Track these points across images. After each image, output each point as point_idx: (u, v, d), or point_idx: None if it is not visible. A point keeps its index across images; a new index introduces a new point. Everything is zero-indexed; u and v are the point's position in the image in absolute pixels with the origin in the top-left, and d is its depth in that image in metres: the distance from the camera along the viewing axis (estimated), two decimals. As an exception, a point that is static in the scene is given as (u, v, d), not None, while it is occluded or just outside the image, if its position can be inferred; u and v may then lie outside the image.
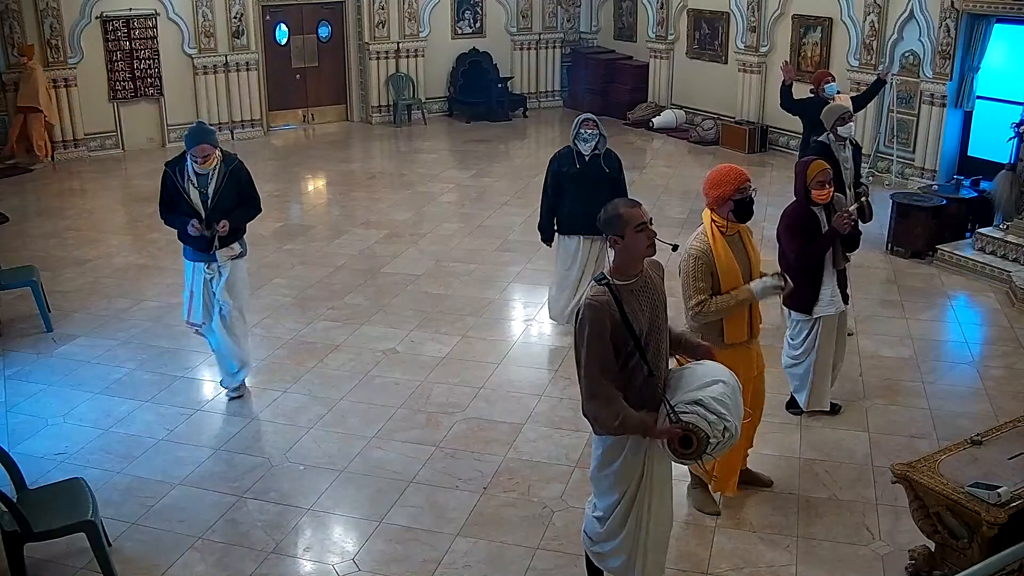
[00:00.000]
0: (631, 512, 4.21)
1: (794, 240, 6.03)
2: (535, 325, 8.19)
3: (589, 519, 4.43)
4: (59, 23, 13.46)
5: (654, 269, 4.20)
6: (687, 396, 4.02)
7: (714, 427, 3.94)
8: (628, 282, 4.03)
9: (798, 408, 6.52)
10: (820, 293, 6.11)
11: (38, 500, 4.95)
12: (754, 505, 5.55)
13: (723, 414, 3.96)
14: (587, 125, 7.38)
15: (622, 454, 4.13)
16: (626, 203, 4.11)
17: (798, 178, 6.06)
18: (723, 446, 4.02)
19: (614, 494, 4.22)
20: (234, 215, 6.47)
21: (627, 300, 3.98)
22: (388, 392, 6.93)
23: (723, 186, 5.03)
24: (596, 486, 4.34)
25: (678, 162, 13.96)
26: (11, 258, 9.27)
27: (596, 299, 3.95)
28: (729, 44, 14.92)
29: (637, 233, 3.98)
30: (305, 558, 5.15)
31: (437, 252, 9.96)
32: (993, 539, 4.32)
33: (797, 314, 6.27)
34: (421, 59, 16.44)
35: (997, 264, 9.06)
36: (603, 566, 4.49)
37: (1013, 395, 6.86)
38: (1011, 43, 11.19)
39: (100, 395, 6.92)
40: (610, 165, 7.46)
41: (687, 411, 3.97)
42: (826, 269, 6.10)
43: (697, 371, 4.19)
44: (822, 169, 5.95)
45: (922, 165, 11.92)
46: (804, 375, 6.39)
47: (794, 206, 6.13)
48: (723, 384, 4.06)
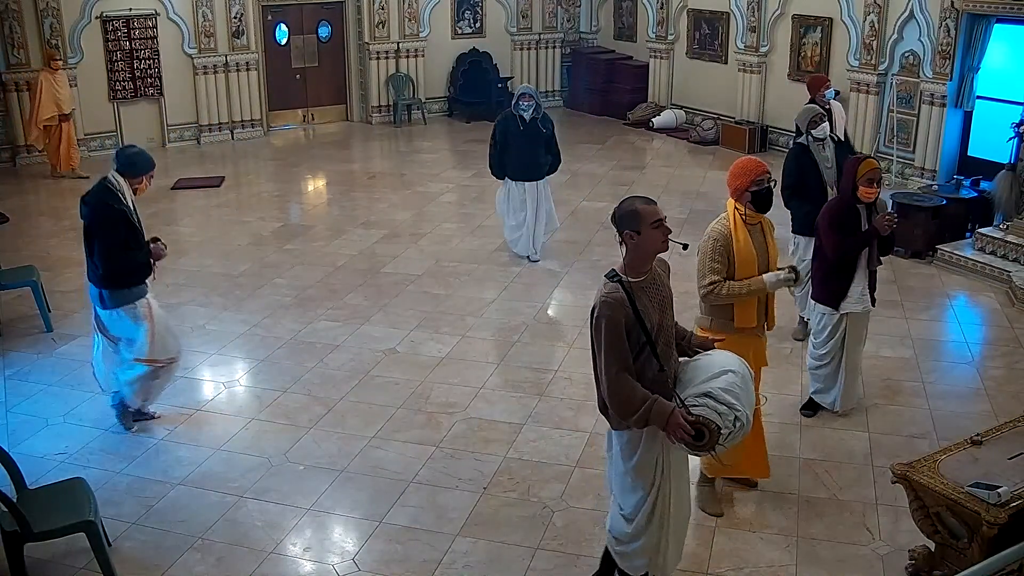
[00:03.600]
0: (656, 508, 4.22)
1: (833, 235, 6.10)
2: (535, 325, 8.18)
3: (615, 518, 4.41)
4: (59, 23, 13.45)
5: (661, 267, 4.25)
6: (697, 389, 4.05)
7: (725, 418, 3.96)
8: (639, 279, 4.07)
9: (812, 410, 6.52)
10: (850, 290, 6.17)
11: (38, 500, 4.95)
12: (754, 505, 5.55)
13: (733, 404, 3.98)
14: (525, 98, 9.16)
15: (639, 446, 4.15)
16: (642, 200, 4.13)
17: (846, 175, 6.14)
18: (736, 436, 4.05)
19: (638, 490, 4.23)
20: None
21: (639, 297, 4.03)
22: (388, 392, 6.93)
23: (740, 178, 5.17)
24: (618, 484, 4.33)
25: (678, 162, 13.96)
26: (11, 258, 9.27)
27: (611, 296, 3.99)
28: (729, 44, 14.92)
29: (653, 229, 4.03)
30: (305, 558, 5.15)
31: (437, 252, 9.96)
32: (993, 539, 4.32)
33: (822, 307, 6.30)
34: (421, 59, 16.44)
35: (997, 264, 9.06)
36: (627, 566, 4.44)
37: (1013, 395, 6.86)
38: (1011, 43, 11.18)
39: (100, 395, 6.90)
40: (546, 126, 9.33)
41: (697, 404, 4.00)
42: (859, 266, 6.17)
43: (705, 363, 4.21)
44: (872, 168, 6.03)
45: (922, 165, 11.92)
46: (831, 375, 6.40)
47: (837, 201, 6.23)
48: (732, 374, 4.08)
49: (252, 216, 11.33)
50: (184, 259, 9.68)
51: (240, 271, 9.42)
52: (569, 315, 8.46)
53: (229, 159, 14.08)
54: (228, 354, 7.62)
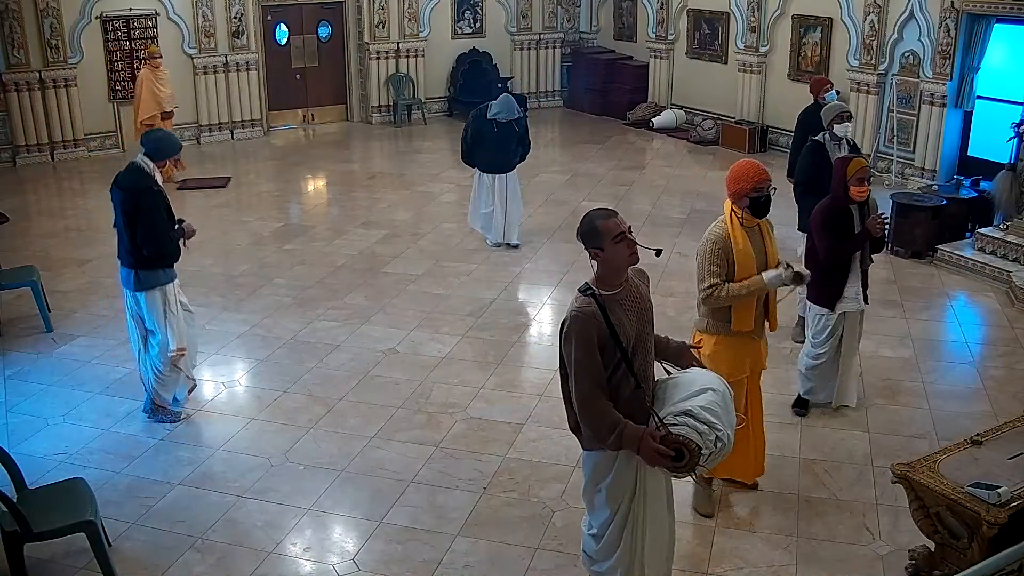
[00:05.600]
0: (626, 528, 4.10)
1: (826, 237, 6.10)
2: (535, 325, 8.18)
3: (585, 537, 4.31)
4: (59, 23, 13.45)
5: (639, 278, 4.10)
6: (676, 407, 3.90)
7: (705, 437, 3.80)
8: (613, 292, 3.91)
9: (803, 408, 6.53)
10: (845, 290, 6.20)
11: (38, 500, 4.95)
12: (754, 505, 5.55)
13: (714, 423, 3.82)
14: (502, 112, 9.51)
15: (612, 468, 4.02)
16: (601, 215, 3.92)
17: (836, 175, 6.12)
18: (716, 456, 3.89)
19: (606, 511, 4.10)
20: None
21: (612, 310, 3.86)
22: (388, 392, 6.93)
23: (740, 183, 5.08)
24: (588, 503, 4.21)
25: (678, 162, 13.96)
26: (11, 258, 9.27)
27: (582, 310, 3.83)
28: (729, 44, 14.92)
29: (616, 244, 3.86)
30: (305, 558, 5.15)
31: (437, 252, 9.96)
32: (993, 539, 4.32)
33: (819, 309, 6.32)
34: (421, 59, 16.44)
35: (997, 264, 9.06)
36: None
37: (1013, 395, 6.86)
38: (1011, 43, 11.19)
39: (100, 395, 6.92)
40: (520, 125, 9.74)
41: (676, 423, 3.84)
42: (853, 267, 6.19)
43: (684, 381, 4.06)
44: (862, 167, 6.03)
45: (922, 165, 11.92)
46: (827, 373, 6.43)
47: (828, 202, 6.20)
48: (712, 392, 3.93)
49: (252, 216, 11.33)
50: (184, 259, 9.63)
51: (240, 271, 9.42)
52: (569, 315, 8.44)
53: (229, 159, 14.07)
54: (228, 354, 7.62)
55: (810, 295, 6.41)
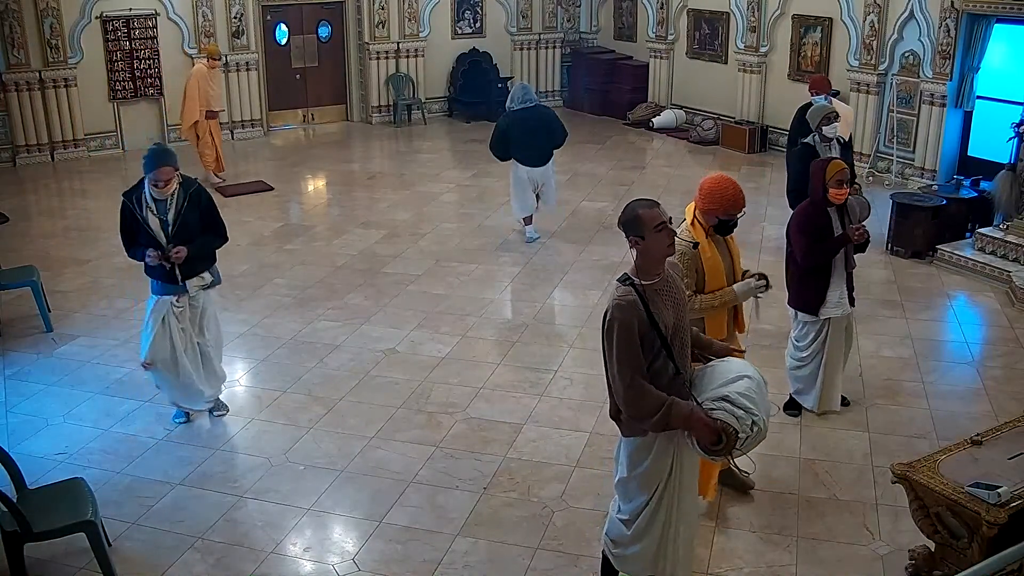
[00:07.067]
0: (659, 513, 4.19)
1: (803, 239, 6.06)
2: (535, 325, 8.18)
3: (613, 521, 4.39)
4: (59, 23, 13.44)
5: (673, 269, 4.23)
6: (714, 393, 4.03)
7: (742, 422, 3.93)
8: (652, 281, 4.04)
9: (796, 410, 6.53)
10: (828, 295, 6.14)
11: (38, 500, 4.95)
12: (754, 505, 5.55)
13: (751, 409, 3.96)
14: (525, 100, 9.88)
15: (651, 454, 4.12)
16: (643, 204, 4.10)
17: (815, 178, 6.08)
18: (752, 441, 4.03)
19: (642, 496, 4.19)
20: (196, 243, 6.05)
21: (652, 299, 3.99)
22: (388, 392, 6.93)
23: (714, 203, 5.07)
24: (623, 490, 4.30)
25: (678, 162, 13.96)
26: (11, 258, 9.27)
27: (623, 299, 3.96)
28: (729, 44, 14.91)
29: (657, 233, 4.00)
30: (305, 558, 5.15)
31: (437, 252, 9.96)
32: (993, 539, 4.32)
33: (803, 315, 6.28)
34: (421, 59, 16.43)
35: (997, 264, 9.06)
36: (624, 569, 4.42)
37: (1013, 395, 6.86)
38: (1011, 43, 11.19)
39: (100, 395, 6.92)
40: (545, 115, 10.05)
41: (715, 408, 3.97)
42: (835, 271, 6.13)
43: (721, 368, 4.19)
44: (840, 169, 6.00)
45: (922, 165, 11.92)
46: (810, 377, 6.39)
47: (806, 205, 6.17)
48: (748, 379, 4.06)
49: (252, 216, 11.32)
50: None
51: (240, 271, 9.42)
52: (569, 315, 8.46)
53: (229, 159, 13.98)
54: (228, 354, 7.57)
55: (791, 300, 6.31)
